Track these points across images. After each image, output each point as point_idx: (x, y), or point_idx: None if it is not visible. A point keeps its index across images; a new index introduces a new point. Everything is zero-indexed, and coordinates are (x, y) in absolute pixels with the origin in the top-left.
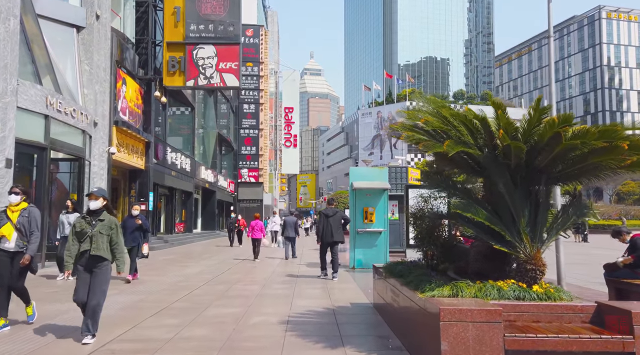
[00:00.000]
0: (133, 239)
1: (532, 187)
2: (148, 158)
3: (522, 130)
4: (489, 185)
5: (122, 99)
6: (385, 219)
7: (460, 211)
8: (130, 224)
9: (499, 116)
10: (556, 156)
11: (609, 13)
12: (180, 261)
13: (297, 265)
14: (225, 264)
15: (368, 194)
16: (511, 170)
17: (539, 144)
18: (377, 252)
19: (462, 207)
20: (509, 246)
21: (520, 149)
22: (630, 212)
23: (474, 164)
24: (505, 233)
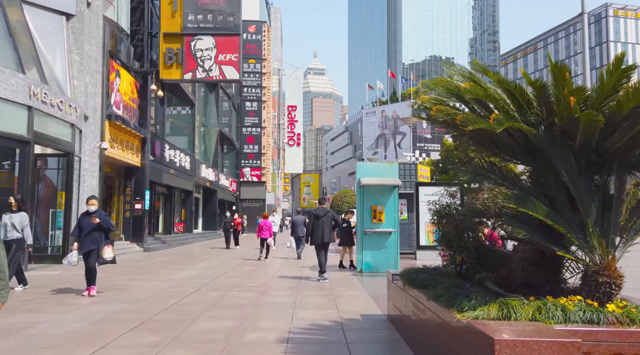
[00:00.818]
0: (91, 241)
1: (600, 176)
2: (144, 155)
3: (591, 100)
4: (538, 174)
5: (115, 92)
6: (395, 218)
7: (515, 206)
8: (86, 223)
9: (564, 80)
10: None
11: (616, 11)
12: (175, 263)
13: (300, 267)
14: (223, 267)
15: (377, 191)
16: (574, 153)
17: (614, 118)
18: (386, 254)
19: (516, 201)
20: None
21: (593, 123)
22: None
23: (521, 147)
24: (571, 235)
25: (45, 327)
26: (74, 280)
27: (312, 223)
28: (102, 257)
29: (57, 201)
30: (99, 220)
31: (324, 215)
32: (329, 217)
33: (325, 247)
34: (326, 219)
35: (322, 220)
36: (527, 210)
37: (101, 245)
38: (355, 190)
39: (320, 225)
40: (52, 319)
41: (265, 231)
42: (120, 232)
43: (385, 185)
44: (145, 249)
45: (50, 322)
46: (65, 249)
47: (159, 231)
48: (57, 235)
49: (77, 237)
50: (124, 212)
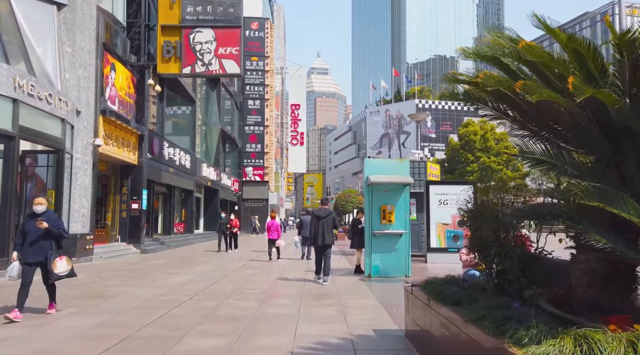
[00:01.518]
0: (37, 250)
1: None
2: (141, 152)
3: None
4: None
5: (110, 86)
6: (406, 219)
7: (600, 204)
8: (31, 227)
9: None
10: None
11: None
12: (171, 267)
13: (305, 271)
14: (222, 271)
15: (386, 189)
16: None
17: None
18: (397, 257)
19: (602, 198)
20: None
21: None
22: None
23: (598, 129)
24: None
25: (4, 347)
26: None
27: (315, 224)
28: (54, 272)
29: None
30: (47, 225)
31: (325, 216)
32: (331, 218)
33: (325, 250)
34: (328, 221)
35: (324, 221)
36: (618, 210)
37: (51, 257)
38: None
39: (321, 226)
40: (16, 336)
41: (274, 232)
42: (117, 233)
43: (395, 184)
44: (142, 251)
45: (11, 340)
46: None
47: (158, 232)
48: None
49: (20, 245)
50: (120, 212)
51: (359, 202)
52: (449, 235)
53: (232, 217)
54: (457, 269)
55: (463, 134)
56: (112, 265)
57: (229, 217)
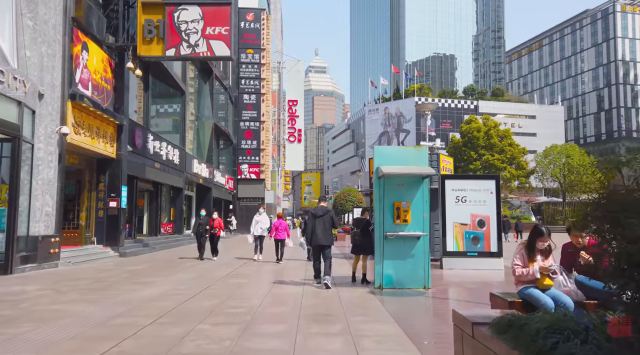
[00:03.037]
0: None
1: None
2: (120, 145)
3: None
4: None
5: (82, 68)
6: (425, 218)
7: None
8: None
9: None
10: None
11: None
12: (147, 274)
13: (303, 280)
14: (205, 280)
15: (400, 183)
16: None
17: None
18: (413, 265)
19: None
20: None
21: None
22: None
23: None
24: None
25: None
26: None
27: (312, 224)
28: None
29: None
30: None
31: (322, 214)
32: (329, 217)
33: (324, 251)
34: (326, 219)
35: (321, 219)
36: None
37: None
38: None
39: (318, 225)
40: None
41: (282, 231)
42: (92, 235)
43: (412, 176)
44: (120, 254)
45: None
46: (10, 256)
47: (144, 232)
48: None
49: None
50: (97, 211)
51: (359, 200)
52: (468, 236)
53: (214, 216)
54: (480, 276)
55: (466, 130)
56: (78, 273)
57: (210, 216)
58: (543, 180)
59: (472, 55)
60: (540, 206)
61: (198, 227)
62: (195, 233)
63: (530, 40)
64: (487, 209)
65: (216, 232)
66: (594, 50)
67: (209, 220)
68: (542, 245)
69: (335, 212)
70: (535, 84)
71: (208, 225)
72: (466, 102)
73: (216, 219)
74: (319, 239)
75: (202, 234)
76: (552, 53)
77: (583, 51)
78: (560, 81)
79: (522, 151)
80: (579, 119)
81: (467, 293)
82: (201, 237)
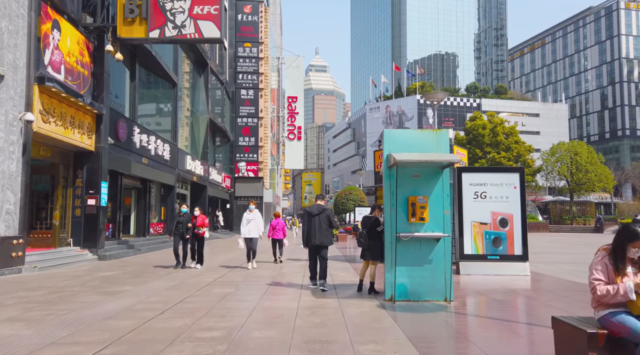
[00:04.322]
0: None
1: None
2: (100, 136)
3: None
4: None
5: (52, 49)
6: (446, 216)
7: None
8: None
9: None
10: None
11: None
12: (118, 282)
13: (300, 289)
14: (183, 289)
15: (416, 174)
16: None
17: None
18: (432, 272)
19: None
20: None
21: None
22: None
23: None
24: None
25: None
26: None
27: (305, 222)
28: None
29: None
30: None
31: (318, 213)
32: (325, 216)
33: (320, 251)
34: (322, 218)
35: (317, 218)
36: None
37: None
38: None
39: (314, 224)
40: None
41: (279, 231)
42: (68, 236)
43: (432, 164)
44: (100, 257)
45: None
46: None
47: (131, 233)
48: None
49: None
50: (74, 210)
51: (361, 199)
52: (489, 237)
53: (196, 213)
54: (504, 284)
55: (470, 127)
56: (40, 280)
57: (193, 214)
58: (549, 179)
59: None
60: (546, 205)
61: (176, 227)
62: (174, 234)
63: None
64: (510, 206)
65: (200, 233)
66: (598, 47)
67: (191, 218)
68: (636, 252)
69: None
70: (538, 82)
71: (190, 223)
72: (469, 100)
73: (199, 216)
74: (313, 239)
75: (182, 234)
76: (555, 51)
77: (586, 49)
78: (563, 79)
79: (528, 149)
80: (582, 118)
81: (499, 308)
82: (181, 240)
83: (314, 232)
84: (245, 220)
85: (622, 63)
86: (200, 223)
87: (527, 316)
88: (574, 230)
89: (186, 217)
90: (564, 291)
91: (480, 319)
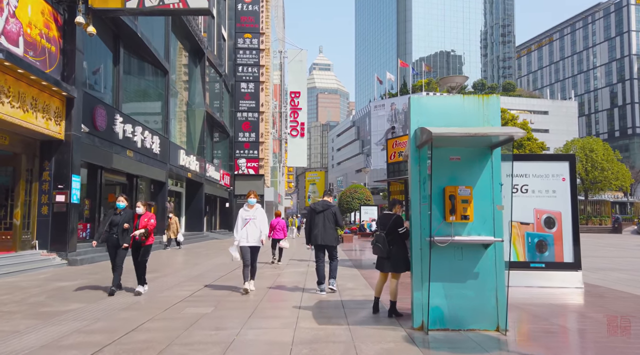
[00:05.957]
0: None
1: None
2: (71, 123)
3: None
4: None
5: (8, 16)
6: (497, 214)
7: None
8: None
9: None
10: None
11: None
12: (70, 296)
13: (297, 308)
14: (147, 308)
15: (454, 156)
16: None
17: None
18: (478, 291)
19: None
20: None
21: None
22: None
23: None
24: None
25: None
26: None
27: (309, 219)
28: None
29: None
30: None
31: (323, 210)
32: (330, 213)
33: (328, 251)
34: (327, 215)
35: (321, 215)
36: None
37: None
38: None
39: (318, 222)
40: None
41: (279, 231)
42: (33, 237)
43: (479, 140)
44: (70, 262)
45: None
46: None
47: None
48: None
49: None
50: (40, 207)
51: (367, 198)
52: (532, 241)
53: (139, 210)
54: (557, 299)
55: None
56: None
57: (134, 210)
58: None
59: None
60: None
61: (108, 229)
62: (105, 241)
63: (540, 35)
64: (557, 202)
65: (144, 240)
66: (607, 44)
67: (132, 216)
68: None
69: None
70: (546, 80)
71: (128, 224)
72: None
73: (143, 215)
74: (317, 238)
75: (115, 244)
76: (563, 48)
77: (595, 46)
78: (571, 77)
79: (540, 146)
80: (592, 116)
81: (579, 344)
82: (116, 249)
83: (318, 231)
84: (241, 219)
85: (633, 60)
86: (144, 224)
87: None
88: (590, 231)
89: (124, 215)
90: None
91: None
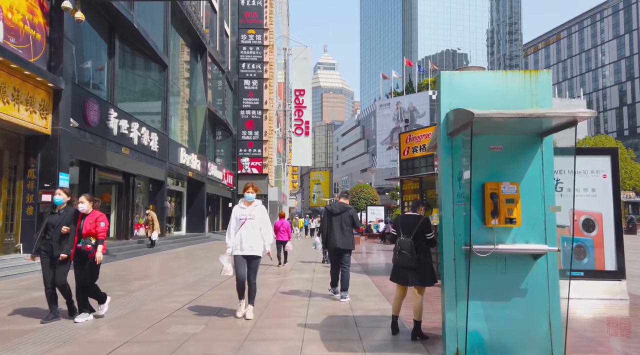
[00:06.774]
0: None
1: None
2: (58, 117)
3: None
4: None
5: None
6: (548, 216)
7: None
8: None
9: None
10: None
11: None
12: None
13: (302, 325)
14: (127, 326)
15: (495, 146)
16: None
17: None
18: (526, 312)
19: None
20: None
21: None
22: None
23: None
24: None
25: None
26: None
27: (325, 221)
28: None
29: None
30: None
31: (340, 212)
32: (347, 215)
33: (342, 256)
34: (343, 218)
35: (338, 218)
36: None
37: None
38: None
39: (335, 225)
40: None
41: (283, 232)
42: (17, 240)
43: (529, 126)
44: None
45: None
46: None
47: (110, 236)
48: None
49: None
50: (24, 207)
51: (373, 197)
52: (568, 246)
53: (84, 207)
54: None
55: None
56: None
57: (77, 208)
58: None
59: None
60: None
61: (44, 234)
62: (38, 250)
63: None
64: (597, 202)
65: (90, 249)
66: (616, 42)
67: (75, 216)
68: None
69: None
70: (553, 78)
71: (67, 227)
72: None
73: (89, 216)
74: (334, 242)
75: (51, 254)
76: (571, 46)
77: (604, 43)
78: (579, 75)
79: None
80: (600, 115)
81: None
82: (52, 261)
83: (333, 235)
84: (234, 220)
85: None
86: (89, 229)
87: None
88: None
89: (64, 214)
90: None
91: None
